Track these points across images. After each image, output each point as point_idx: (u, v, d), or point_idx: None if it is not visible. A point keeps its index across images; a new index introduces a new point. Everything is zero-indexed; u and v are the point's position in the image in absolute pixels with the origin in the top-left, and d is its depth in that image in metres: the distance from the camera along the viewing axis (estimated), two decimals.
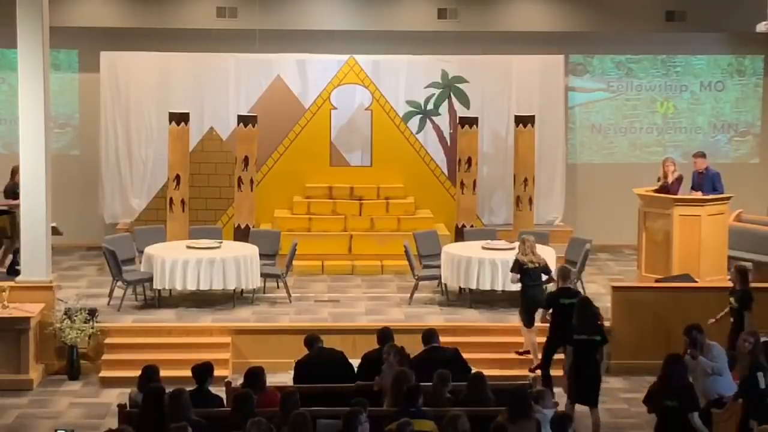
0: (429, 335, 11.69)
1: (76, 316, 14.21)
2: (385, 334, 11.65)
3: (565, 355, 12.25)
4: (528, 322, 13.89)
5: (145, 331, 14.69)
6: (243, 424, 8.94)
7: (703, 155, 16.27)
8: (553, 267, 15.61)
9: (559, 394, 12.19)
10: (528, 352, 14.13)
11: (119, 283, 15.62)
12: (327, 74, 19.11)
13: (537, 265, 13.96)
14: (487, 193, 19.61)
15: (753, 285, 16.07)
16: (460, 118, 18.65)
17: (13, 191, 16.10)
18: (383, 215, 18.42)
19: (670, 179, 15.89)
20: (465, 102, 19.64)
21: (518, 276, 13.99)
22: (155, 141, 19.35)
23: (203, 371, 10.39)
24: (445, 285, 15.89)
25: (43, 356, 14.30)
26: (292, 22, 18.94)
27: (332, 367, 11.26)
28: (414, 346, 11.74)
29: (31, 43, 14.44)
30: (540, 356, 13.37)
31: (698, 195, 15.79)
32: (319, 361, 11.23)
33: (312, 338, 11.58)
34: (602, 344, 11.84)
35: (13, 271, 16.08)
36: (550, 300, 13.18)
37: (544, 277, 14.00)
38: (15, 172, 15.81)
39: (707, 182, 15.88)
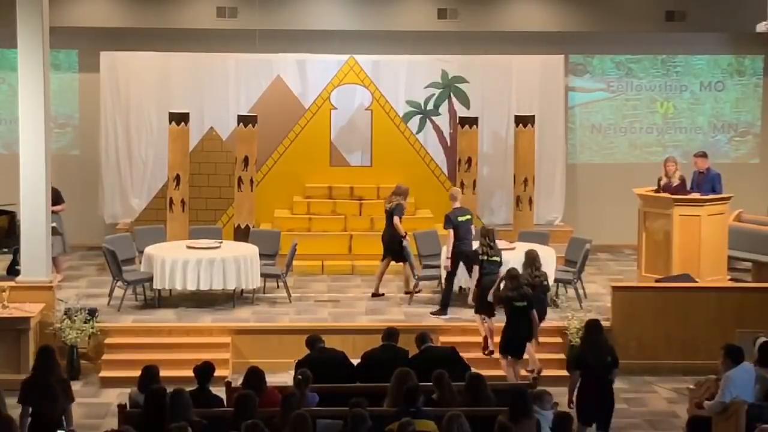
0: (422, 337, 11.75)
1: (76, 316, 14.21)
2: (389, 334, 11.71)
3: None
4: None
5: (145, 331, 14.69)
6: None
7: (704, 155, 16.25)
8: (553, 267, 15.66)
9: None
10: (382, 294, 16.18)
11: (119, 283, 15.62)
12: (327, 74, 19.11)
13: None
14: (487, 193, 19.60)
15: (751, 285, 16.16)
16: (460, 118, 18.65)
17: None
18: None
19: (675, 181, 15.85)
20: (465, 102, 19.64)
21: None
22: (155, 141, 19.34)
23: (204, 371, 10.40)
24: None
25: None
26: (292, 22, 18.94)
27: (333, 368, 11.27)
28: (414, 346, 11.77)
29: (31, 43, 14.44)
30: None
31: (696, 195, 15.79)
32: (320, 361, 11.24)
33: (314, 339, 11.60)
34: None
35: (13, 271, 16.09)
36: (449, 220, 15.09)
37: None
38: None
39: (707, 183, 15.86)
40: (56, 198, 16.69)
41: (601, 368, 11.00)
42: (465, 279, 15.43)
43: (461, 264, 15.15)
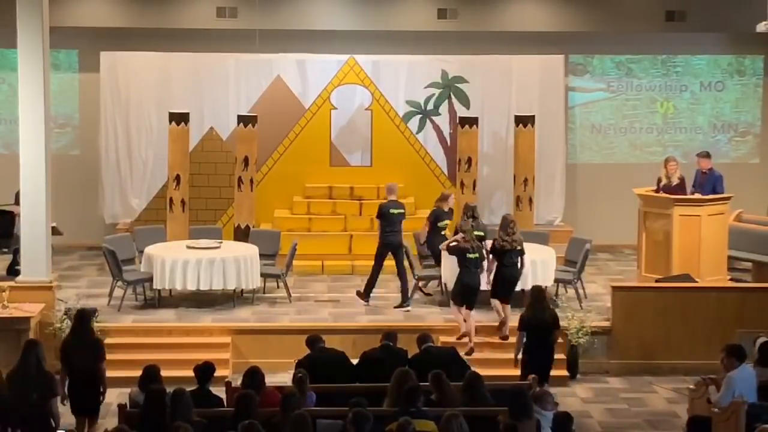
0: (424, 338, 11.78)
1: None
2: (388, 334, 11.73)
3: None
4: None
5: (145, 331, 14.69)
6: None
7: (707, 155, 16.27)
8: (553, 267, 15.67)
9: None
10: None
11: (119, 283, 15.62)
12: (327, 74, 19.11)
13: None
14: (487, 193, 19.59)
15: (751, 285, 16.16)
16: (460, 118, 18.64)
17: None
18: None
19: (674, 180, 15.85)
20: (465, 102, 19.63)
21: None
22: (155, 141, 19.33)
23: (205, 371, 10.41)
24: (445, 285, 15.87)
25: None
26: (292, 22, 18.94)
27: (333, 368, 11.28)
28: (414, 346, 11.77)
29: (31, 43, 14.45)
30: None
31: (698, 195, 15.79)
32: (320, 361, 11.24)
33: (314, 339, 11.60)
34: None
35: (13, 271, 16.08)
36: (379, 209, 15.76)
37: None
38: None
39: (708, 183, 15.86)
40: None
41: (542, 329, 12.46)
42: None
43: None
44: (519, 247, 14.46)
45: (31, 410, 10.33)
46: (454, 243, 14.49)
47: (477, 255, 14.27)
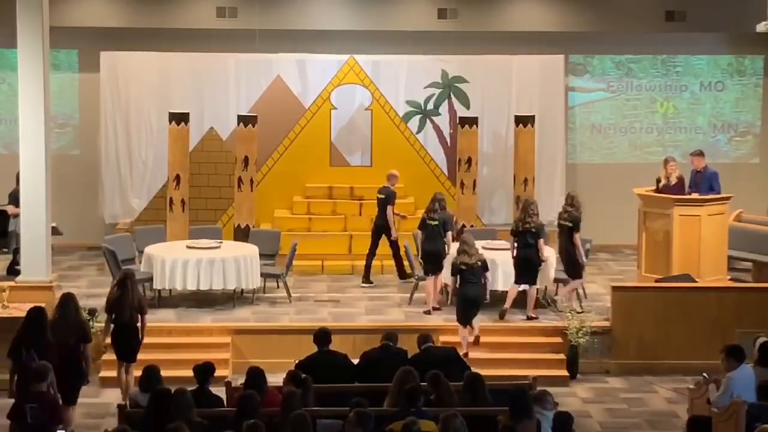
0: (424, 338, 11.78)
1: None
2: (388, 335, 11.73)
3: None
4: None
5: (145, 330, 14.66)
6: None
7: (701, 154, 16.28)
8: (553, 267, 15.67)
9: None
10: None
11: None
12: (327, 74, 19.12)
13: None
14: (487, 193, 19.59)
15: (751, 285, 16.18)
16: (460, 118, 18.64)
17: (15, 197, 15.90)
18: None
19: (673, 180, 15.85)
20: (465, 102, 19.62)
21: None
22: (155, 141, 19.32)
23: (205, 371, 10.41)
24: (445, 285, 15.88)
25: None
26: (292, 22, 18.94)
27: (334, 369, 11.27)
28: (414, 346, 11.78)
29: (31, 43, 14.46)
30: None
31: (695, 195, 15.79)
32: (320, 362, 11.23)
33: (322, 336, 11.53)
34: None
35: (13, 271, 16.07)
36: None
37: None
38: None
39: (704, 182, 15.87)
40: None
41: (472, 271, 13.76)
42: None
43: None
44: (534, 230, 14.82)
45: (68, 353, 11.62)
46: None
47: (437, 222, 15.29)
